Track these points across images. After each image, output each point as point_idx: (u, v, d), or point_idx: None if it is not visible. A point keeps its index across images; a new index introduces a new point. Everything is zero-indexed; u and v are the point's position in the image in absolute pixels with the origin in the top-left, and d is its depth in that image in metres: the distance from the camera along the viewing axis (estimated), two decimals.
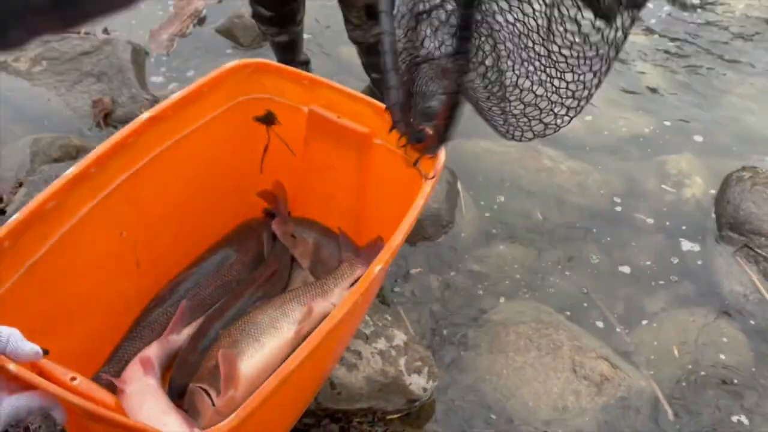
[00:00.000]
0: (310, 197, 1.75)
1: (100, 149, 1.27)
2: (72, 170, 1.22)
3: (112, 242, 1.37)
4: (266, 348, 1.35)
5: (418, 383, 1.56)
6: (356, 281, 1.53)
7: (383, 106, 1.50)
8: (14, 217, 1.12)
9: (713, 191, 2.26)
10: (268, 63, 1.57)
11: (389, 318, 1.67)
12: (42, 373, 0.88)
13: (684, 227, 2.15)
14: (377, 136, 1.53)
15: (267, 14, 2.19)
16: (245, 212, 1.78)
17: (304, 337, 1.39)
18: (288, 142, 1.67)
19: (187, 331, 1.48)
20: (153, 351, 1.39)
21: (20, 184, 1.96)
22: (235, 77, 1.54)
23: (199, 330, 1.48)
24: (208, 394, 1.26)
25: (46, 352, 0.88)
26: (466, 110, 2.70)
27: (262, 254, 1.70)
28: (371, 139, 1.54)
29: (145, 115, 1.36)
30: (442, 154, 1.38)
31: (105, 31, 2.65)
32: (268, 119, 1.63)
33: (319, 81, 1.55)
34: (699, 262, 2.05)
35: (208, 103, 1.51)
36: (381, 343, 1.59)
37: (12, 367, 0.84)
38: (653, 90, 2.74)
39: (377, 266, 1.18)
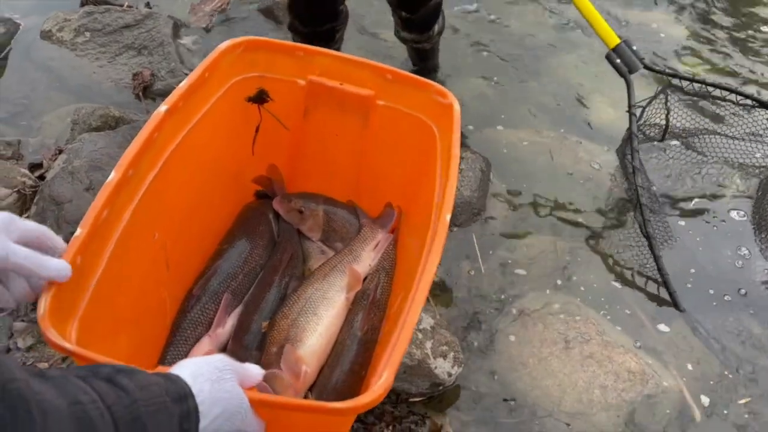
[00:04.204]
0: (309, 171, 1.72)
1: (131, 150, 1.22)
2: (113, 176, 1.17)
3: (148, 246, 1.33)
4: (325, 319, 1.41)
5: (443, 367, 1.55)
6: (378, 243, 1.59)
7: (383, 66, 1.50)
8: (78, 232, 1.07)
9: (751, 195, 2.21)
10: (258, 39, 1.53)
11: None
12: None
13: (723, 227, 2.11)
14: (380, 98, 1.52)
15: (303, 29, 2.05)
16: (243, 198, 1.74)
17: (351, 302, 1.47)
18: (285, 118, 1.61)
19: (230, 323, 1.47)
20: (206, 347, 1.38)
21: (60, 151, 2.00)
22: (227, 58, 1.48)
23: (240, 326, 1.46)
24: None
25: None
26: (504, 97, 2.63)
27: (273, 234, 1.69)
28: (375, 101, 1.52)
29: (163, 107, 1.30)
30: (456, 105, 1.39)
31: (147, 5, 2.68)
32: (259, 98, 1.58)
33: (314, 50, 1.53)
34: (738, 263, 2.00)
35: (209, 89, 1.46)
36: None
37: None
38: None
39: (447, 214, 1.20)
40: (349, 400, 0.92)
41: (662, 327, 1.82)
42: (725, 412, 1.66)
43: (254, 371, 0.90)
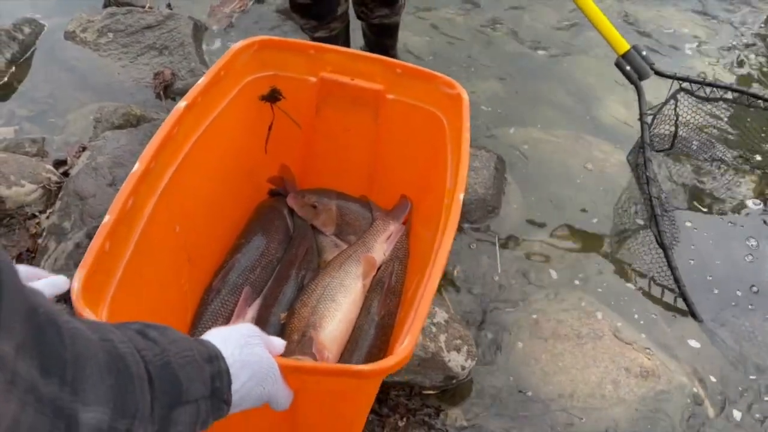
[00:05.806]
0: (322, 167, 1.75)
1: (154, 143, 1.25)
2: (138, 167, 1.20)
3: (170, 238, 1.35)
4: (343, 305, 1.47)
5: (457, 361, 1.58)
6: (390, 235, 1.64)
7: (392, 60, 1.54)
8: (106, 219, 1.10)
9: None
10: (271, 39, 1.56)
11: None
12: None
13: (742, 227, 2.11)
14: (390, 92, 1.55)
15: (302, 1, 2.08)
16: (257, 195, 1.78)
17: (367, 289, 1.53)
18: (297, 115, 1.64)
19: (250, 314, 1.51)
20: None
21: (83, 149, 2.05)
22: (241, 58, 1.51)
23: (260, 318, 1.50)
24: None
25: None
26: (518, 97, 2.65)
27: (288, 229, 1.73)
28: (385, 95, 1.55)
29: (182, 103, 1.33)
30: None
31: (168, 6, 2.73)
32: (272, 96, 1.60)
33: (325, 48, 1.56)
34: (751, 261, 2.01)
35: (225, 87, 1.49)
36: None
37: None
38: None
39: (460, 194, 1.23)
40: (375, 363, 0.94)
41: (676, 325, 1.83)
42: (739, 410, 1.67)
43: (277, 342, 0.93)
